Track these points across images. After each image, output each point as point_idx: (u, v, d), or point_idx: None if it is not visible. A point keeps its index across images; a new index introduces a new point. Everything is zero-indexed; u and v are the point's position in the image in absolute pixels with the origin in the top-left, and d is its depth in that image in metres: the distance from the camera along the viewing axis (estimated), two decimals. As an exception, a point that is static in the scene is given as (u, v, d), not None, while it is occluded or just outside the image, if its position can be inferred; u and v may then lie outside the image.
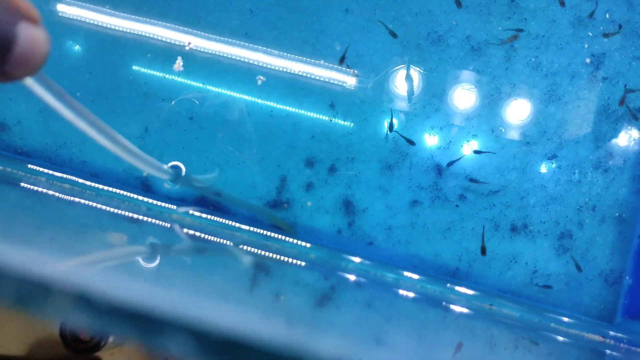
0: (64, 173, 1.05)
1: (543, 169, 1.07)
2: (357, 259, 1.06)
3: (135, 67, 1.12)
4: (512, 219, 1.07)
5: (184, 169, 1.10)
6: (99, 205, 1.06)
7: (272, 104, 1.11)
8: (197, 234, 1.04)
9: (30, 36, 0.44)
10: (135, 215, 1.05)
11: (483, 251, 1.06)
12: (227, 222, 1.08)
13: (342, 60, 1.09)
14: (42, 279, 0.41)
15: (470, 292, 1.05)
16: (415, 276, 1.03)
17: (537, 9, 1.08)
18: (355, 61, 1.11)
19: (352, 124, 1.10)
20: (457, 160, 1.08)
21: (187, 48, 1.11)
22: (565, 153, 1.07)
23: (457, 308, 0.98)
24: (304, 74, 1.11)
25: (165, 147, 1.11)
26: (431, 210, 1.09)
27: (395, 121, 1.09)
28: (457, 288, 1.05)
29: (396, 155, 1.10)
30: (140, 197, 1.05)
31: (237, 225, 1.07)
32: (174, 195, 1.10)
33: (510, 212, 1.07)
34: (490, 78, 1.09)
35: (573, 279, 1.05)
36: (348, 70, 1.10)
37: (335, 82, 1.11)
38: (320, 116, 1.11)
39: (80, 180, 1.05)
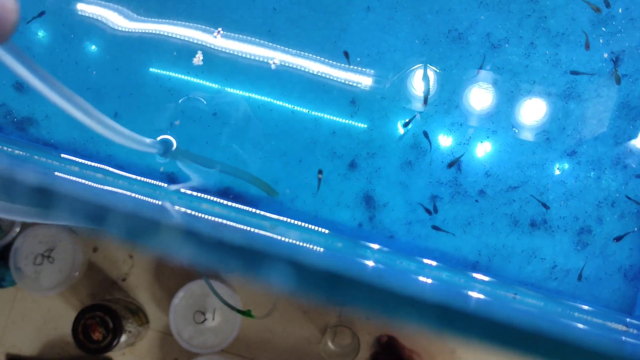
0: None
1: (562, 165, 1.08)
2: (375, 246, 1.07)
3: (160, 64, 1.14)
4: (532, 214, 1.08)
5: (175, 143, 1.12)
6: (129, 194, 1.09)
7: (293, 101, 1.13)
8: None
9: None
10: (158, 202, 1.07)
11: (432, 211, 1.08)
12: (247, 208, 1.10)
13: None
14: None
15: (490, 279, 1.06)
16: (434, 263, 1.05)
17: (557, 6, 1.09)
18: (376, 58, 1.13)
19: (372, 120, 1.12)
20: (459, 158, 1.09)
21: (215, 35, 1.13)
22: (584, 149, 1.08)
23: (477, 295, 0.99)
24: (322, 74, 1.13)
25: (190, 143, 1.13)
26: (451, 205, 1.10)
27: (413, 119, 1.11)
28: (477, 276, 1.06)
29: (416, 151, 1.11)
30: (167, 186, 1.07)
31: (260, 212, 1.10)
32: (200, 187, 1.13)
33: (529, 208, 1.08)
34: (511, 75, 1.10)
35: (592, 274, 1.06)
36: (364, 70, 1.12)
37: (352, 83, 1.12)
38: (341, 112, 1.13)
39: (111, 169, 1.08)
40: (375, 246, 1.10)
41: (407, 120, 1.11)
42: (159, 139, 1.12)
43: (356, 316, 2.23)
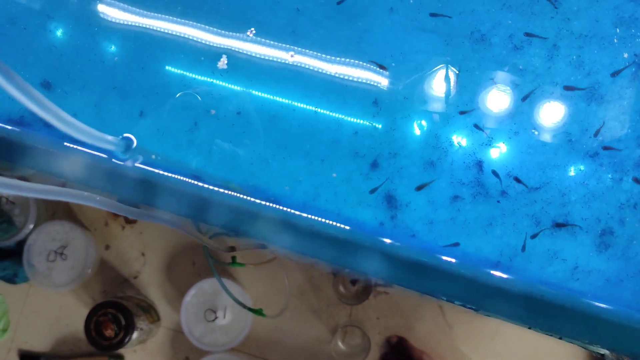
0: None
1: (585, 166, 1.09)
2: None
3: (185, 65, 1.15)
4: (554, 215, 1.09)
5: (135, 141, 1.12)
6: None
7: (316, 101, 1.14)
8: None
9: None
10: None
11: (523, 248, 1.08)
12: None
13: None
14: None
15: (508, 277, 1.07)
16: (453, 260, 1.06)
17: (580, 8, 1.10)
18: (400, 59, 1.13)
19: (395, 120, 1.13)
20: (428, 183, 1.10)
21: (249, 34, 1.14)
22: (607, 151, 1.08)
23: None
24: (345, 75, 1.13)
25: (212, 141, 1.14)
26: (472, 205, 1.11)
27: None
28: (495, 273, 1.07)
29: (438, 151, 1.12)
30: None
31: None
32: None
33: (551, 209, 1.09)
34: (533, 76, 1.11)
35: (614, 275, 1.07)
36: (379, 69, 1.13)
37: (375, 84, 1.13)
38: (364, 112, 1.13)
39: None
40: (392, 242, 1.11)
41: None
42: (121, 137, 1.12)
43: (367, 316, 2.23)
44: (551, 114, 1.10)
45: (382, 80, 1.13)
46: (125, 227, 2.30)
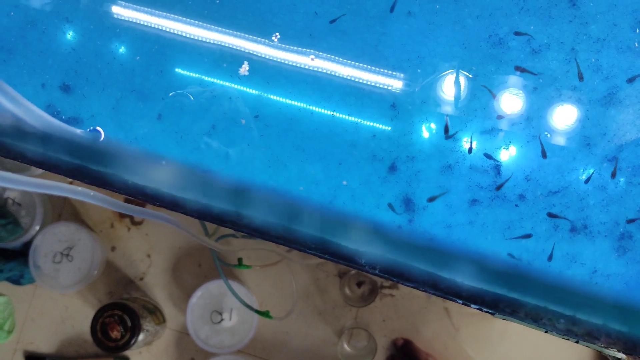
0: (135, 167, 1.09)
1: (603, 170, 1.09)
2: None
3: (203, 68, 1.15)
4: (572, 219, 1.09)
5: (102, 134, 1.12)
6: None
7: (333, 104, 1.14)
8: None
9: None
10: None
11: (550, 257, 1.08)
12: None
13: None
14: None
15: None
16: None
17: (598, 12, 1.10)
18: (417, 62, 1.13)
19: (413, 124, 1.13)
20: (440, 195, 1.10)
21: (273, 39, 1.13)
22: (625, 155, 1.09)
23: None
24: (358, 79, 1.13)
25: (230, 144, 1.14)
26: (490, 209, 1.11)
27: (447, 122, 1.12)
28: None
29: (456, 154, 1.12)
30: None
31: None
32: (238, 191, 1.13)
33: (569, 213, 1.09)
34: (551, 80, 1.11)
35: (633, 279, 1.07)
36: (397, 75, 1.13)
37: (392, 87, 1.13)
38: (382, 116, 1.13)
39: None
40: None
41: (446, 124, 1.12)
42: (89, 130, 1.12)
43: (373, 318, 2.23)
44: (568, 117, 1.11)
45: (399, 84, 1.13)
46: (131, 229, 2.30)
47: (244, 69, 1.14)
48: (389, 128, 1.13)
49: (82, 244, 2.19)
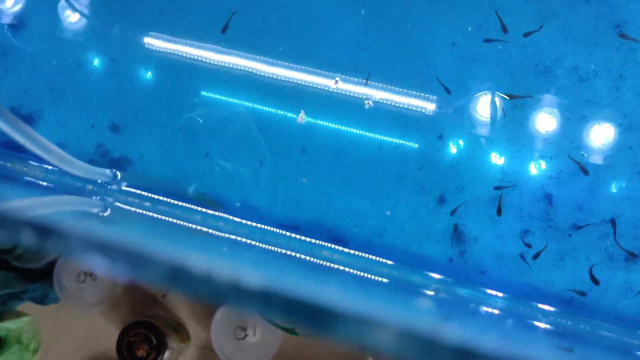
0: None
1: (657, 198, 1.07)
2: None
3: (247, 103, 1.16)
4: (627, 248, 1.07)
5: (119, 175, 1.12)
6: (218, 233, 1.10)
7: (380, 136, 1.14)
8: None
9: None
10: (250, 241, 1.08)
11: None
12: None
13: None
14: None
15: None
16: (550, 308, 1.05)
17: (646, 39, 1.10)
18: (463, 93, 1.13)
19: (460, 154, 1.12)
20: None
21: (336, 81, 1.14)
22: (680, 182, 1.07)
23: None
24: (404, 108, 1.13)
25: (278, 180, 1.14)
26: (543, 239, 1.09)
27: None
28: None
29: (505, 184, 1.11)
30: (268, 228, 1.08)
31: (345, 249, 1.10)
32: (286, 222, 1.13)
33: (624, 241, 1.07)
34: (600, 107, 1.10)
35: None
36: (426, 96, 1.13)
37: (435, 117, 1.13)
38: (429, 147, 1.13)
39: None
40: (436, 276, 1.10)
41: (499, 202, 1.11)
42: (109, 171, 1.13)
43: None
44: (620, 146, 1.09)
45: (445, 115, 1.13)
46: (162, 254, 2.29)
47: (301, 117, 1.14)
48: (437, 159, 1.13)
49: (112, 268, 2.18)
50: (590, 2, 1.11)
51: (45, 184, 1.13)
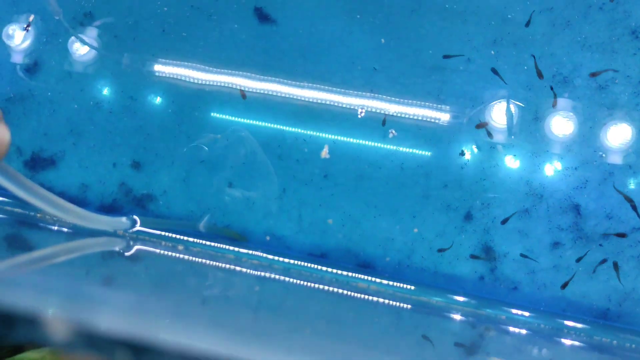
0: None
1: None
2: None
3: (268, 130, 1.16)
4: (661, 255, 1.06)
5: (138, 221, 1.11)
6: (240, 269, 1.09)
7: (402, 157, 1.13)
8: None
9: None
10: (283, 278, 1.07)
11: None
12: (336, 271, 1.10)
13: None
14: None
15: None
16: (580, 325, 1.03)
17: (663, 42, 1.09)
18: (482, 109, 1.12)
19: (483, 170, 1.11)
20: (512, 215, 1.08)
21: (360, 114, 1.14)
22: None
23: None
24: (425, 127, 1.13)
25: (302, 206, 1.13)
26: (573, 251, 1.08)
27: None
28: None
29: (532, 198, 1.10)
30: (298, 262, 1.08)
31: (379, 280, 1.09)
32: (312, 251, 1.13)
33: (657, 249, 1.06)
34: (622, 113, 1.09)
35: None
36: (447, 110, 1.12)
37: (456, 132, 1.12)
38: (451, 165, 1.12)
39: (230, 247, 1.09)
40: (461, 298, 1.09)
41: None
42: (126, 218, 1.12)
43: None
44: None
45: (465, 130, 1.12)
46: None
47: (325, 152, 1.14)
48: (460, 176, 1.12)
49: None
50: (604, 9, 1.11)
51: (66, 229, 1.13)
